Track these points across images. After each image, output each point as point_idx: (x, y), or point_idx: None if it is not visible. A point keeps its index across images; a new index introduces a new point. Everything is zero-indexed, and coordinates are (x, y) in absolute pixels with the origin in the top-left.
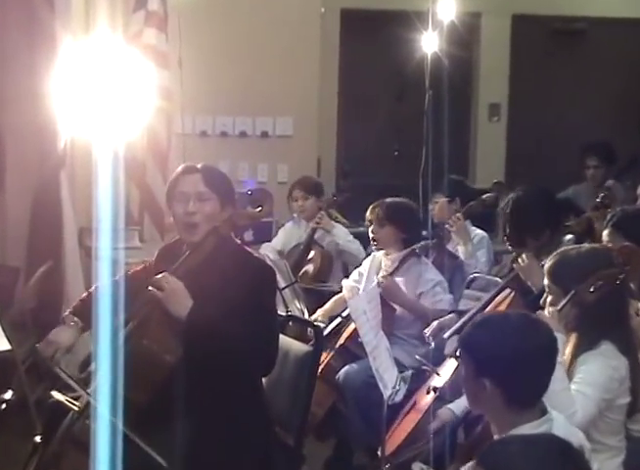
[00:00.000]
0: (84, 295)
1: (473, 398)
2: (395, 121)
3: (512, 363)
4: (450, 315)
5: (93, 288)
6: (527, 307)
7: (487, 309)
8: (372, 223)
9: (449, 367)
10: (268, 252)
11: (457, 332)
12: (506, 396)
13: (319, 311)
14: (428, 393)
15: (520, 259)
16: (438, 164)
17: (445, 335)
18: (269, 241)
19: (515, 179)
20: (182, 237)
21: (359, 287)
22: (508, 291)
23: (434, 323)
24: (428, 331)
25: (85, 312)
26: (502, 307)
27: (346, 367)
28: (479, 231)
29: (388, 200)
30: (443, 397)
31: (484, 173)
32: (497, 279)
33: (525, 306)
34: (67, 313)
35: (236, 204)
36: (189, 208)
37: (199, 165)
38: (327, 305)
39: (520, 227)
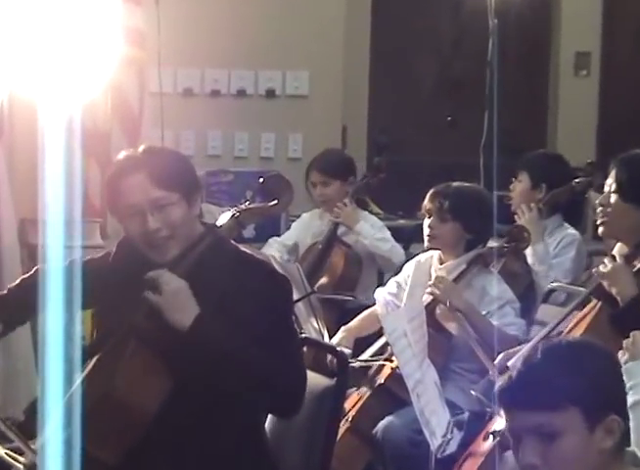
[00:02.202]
0: (13, 284)
1: (583, 464)
2: (449, 77)
3: (622, 390)
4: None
5: (32, 273)
6: (612, 325)
7: (567, 328)
8: (430, 215)
9: None
10: (274, 250)
11: None
12: (624, 432)
13: (341, 331)
14: (485, 439)
15: (604, 263)
16: (506, 134)
17: (509, 363)
18: (277, 236)
19: (609, 155)
20: (148, 257)
21: (397, 303)
22: (594, 302)
23: (500, 356)
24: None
25: (9, 308)
26: (580, 328)
27: (387, 419)
28: (571, 231)
29: (456, 185)
30: (508, 444)
31: (569, 147)
32: (583, 290)
33: (609, 323)
34: None
35: (202, 187)
36: (148, 225)
37: (139, 153)
38: (353, 322)
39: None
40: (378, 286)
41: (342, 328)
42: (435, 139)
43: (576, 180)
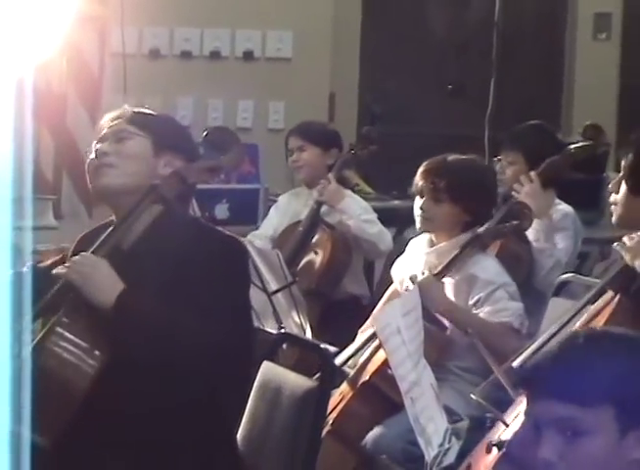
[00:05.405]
0: None
1: None
2: (451, 39)
3: None
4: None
5: None
6: (635, 301)
7: (580, 322)
8: (422, 195)
9: (521, 413)
10: (255, 237)
11: (533, 357)
12: None
13: (360, 336)
14: (488, 451)
15: (628, 236)
16: (516, 103)
17: (515, 363)
18: (254, 221)
19: (632, 126)
20: (90, 183)
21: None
22: (610, 295)
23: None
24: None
25: None
26: (601, 319)
27: (378, 429)
28: (562, 206)
29: (452, 160)
30: (513, 457)
31: (586, 118)
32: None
33: (636, 312)
34: None
35: (187, 152)
36: (103, 147)
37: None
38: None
39: None
40: (367, 275)
41: (361, 330)
42: (436, 109)
43: (574, 146)
